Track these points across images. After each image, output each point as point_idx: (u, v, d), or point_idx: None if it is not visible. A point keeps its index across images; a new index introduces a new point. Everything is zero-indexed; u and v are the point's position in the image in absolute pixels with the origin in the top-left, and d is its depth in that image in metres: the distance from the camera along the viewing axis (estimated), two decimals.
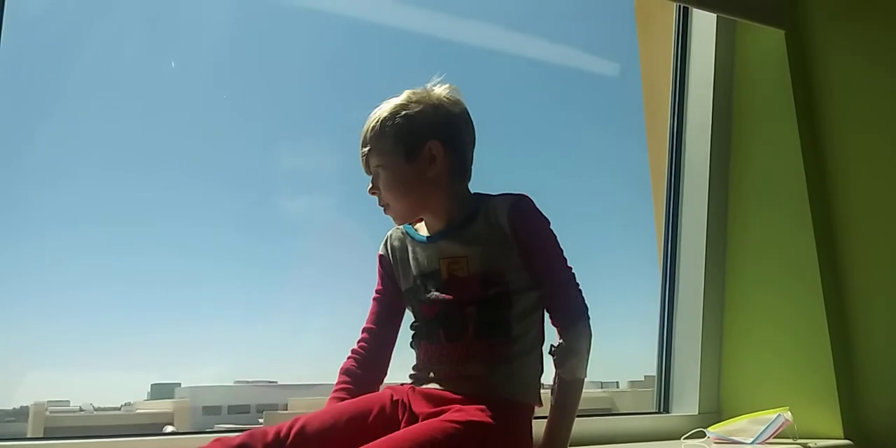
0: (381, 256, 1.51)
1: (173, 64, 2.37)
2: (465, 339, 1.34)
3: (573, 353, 1.35)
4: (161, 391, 2.83)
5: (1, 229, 2.06)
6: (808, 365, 2.04)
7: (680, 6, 2.40)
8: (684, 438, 2.02)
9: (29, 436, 2.07)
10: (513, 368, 1.34)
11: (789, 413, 1.87)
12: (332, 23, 2.69)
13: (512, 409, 1.31)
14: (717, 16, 2.28)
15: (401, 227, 1.49)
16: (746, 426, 1.92)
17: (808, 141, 2.16)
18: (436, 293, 1.38)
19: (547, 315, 1.41)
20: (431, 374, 1.37)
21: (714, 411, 2.18)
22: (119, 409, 2.69)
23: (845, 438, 1.96)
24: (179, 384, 2.88)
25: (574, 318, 1.38)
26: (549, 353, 1.37)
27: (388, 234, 1.52)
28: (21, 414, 2.23)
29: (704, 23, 2.36)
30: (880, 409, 1.99)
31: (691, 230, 2.29)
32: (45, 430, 2.28)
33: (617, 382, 3.40)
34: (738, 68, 2.33)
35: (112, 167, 2.37)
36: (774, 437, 1.87)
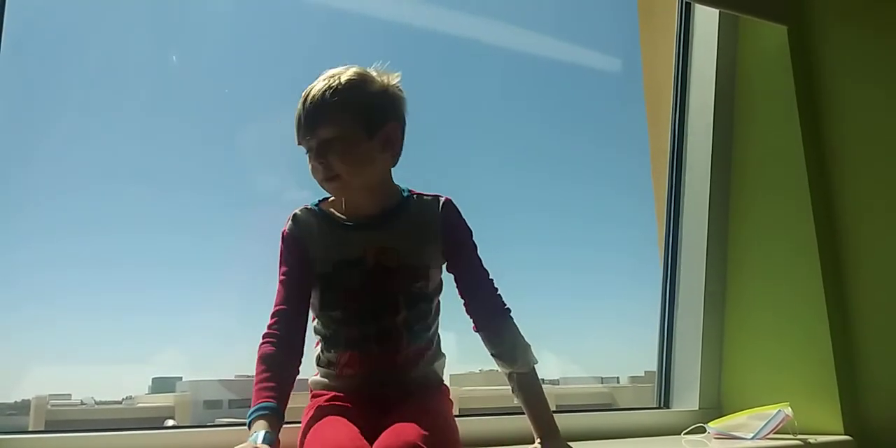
0: (291, 237, 1.43)
1: (174, 58, 2.37)
2: (400, 346, 1.39)
3: (522, 348, 1.43)
4: (162, 385, 2.83)
5: (8, 229, 2.07)
6: (808, 360, 2.04)
7: (682, 1, 2.39)
8: (684, 434, 2.02)
9: (30, 429, 2.07)
10: (438, 365, 1.46)
11: (790, 408, 1.87)
12: (338, 18, 2.68)
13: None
14: (720, 11, 2.27)
15: (311, 207, 1.46)
16: (746, 421, 1.92)
17: (811, 138, 2.16)
18: (362, 281, 1.38)
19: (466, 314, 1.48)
20: (366, 381, 1.38)
21: (714, 407, 2.18)
22: (120, 402, 2.69)
23: (846, 434, 1.95)
24: (181, 378, 2.88)
25: (505, 315, 1.46)
26: (496, 355, 1.45)
27: (295, 213, 1.46)
28: (22, 407, 2.23)
29: (707, 18, 2.35)
30: (881, 404, 1.99)
31: (692, 226, 2.29)
32: (47, 423, 2.29)
33: (617, 378, 3.41)
34: (740, 64, 2.33)
35: (114, 170, 2.36)
36: (775, 433, 1.87)
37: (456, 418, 1.40)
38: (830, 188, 2.14)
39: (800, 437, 1.87)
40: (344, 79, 1.39)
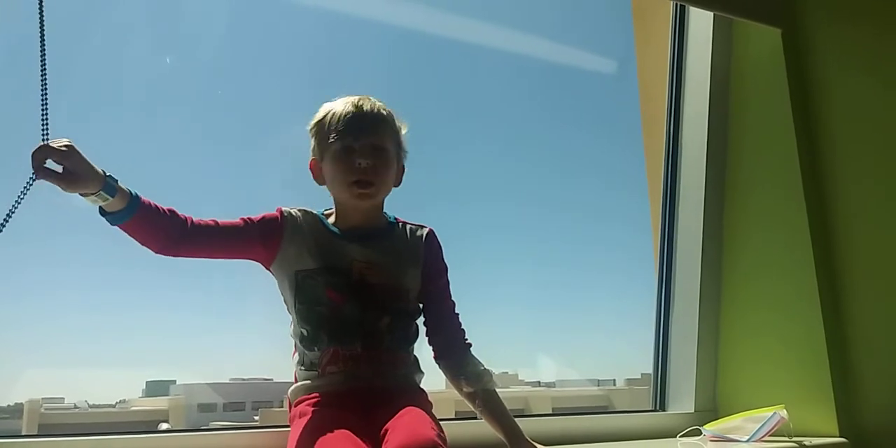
0: (284, 217, 1.45)
1: (168, 60, 2.36)
2: (382, 345, 1.42)
3: (486, 371, 1.51)
4: (156, 388, 2.83)
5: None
6: (803, 363, 2.04)
7: (677, 4, 2.39)
8: (680, 436, 2.02)
9: (23, 433, 2.06)
10: (418, 377, 1.50)
11: (785, 411, 1.87)
12: (330, 19, 2.68)
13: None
14: (714, 14, 2.28)
15: (316, 212, 1.50)
16: (742, 424, 1.92)
17: (805, 140, 2.17)
18: (347, 286, 1.41)
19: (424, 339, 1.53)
20: (349, 378, 1.39)
21: (710, 409, 2.18)
22: (114, 406, 2.69)
23: (840, 436, 1.95)
24: (175, 381, 2.88)
25: (468, 349, 1.53)
26: (463, 379, 1.49)
27: (300, 208, 1.49)
28: (15, 411, 2.22)
29: (701, 21, 2.35)
30: (875, 407, 1.99)
31: (687, 228, 2.29)
32: (40, 427, 2.28)
33: (613, 380, 3.42)
34: (734, 67, 2.33)
35: (111, 170, 2.35)
36: (770, 435, 1.87)
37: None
38: (825, 189, 2.14)
39: (795, 439, 1.87)
40: (385, 108, 1.48)
